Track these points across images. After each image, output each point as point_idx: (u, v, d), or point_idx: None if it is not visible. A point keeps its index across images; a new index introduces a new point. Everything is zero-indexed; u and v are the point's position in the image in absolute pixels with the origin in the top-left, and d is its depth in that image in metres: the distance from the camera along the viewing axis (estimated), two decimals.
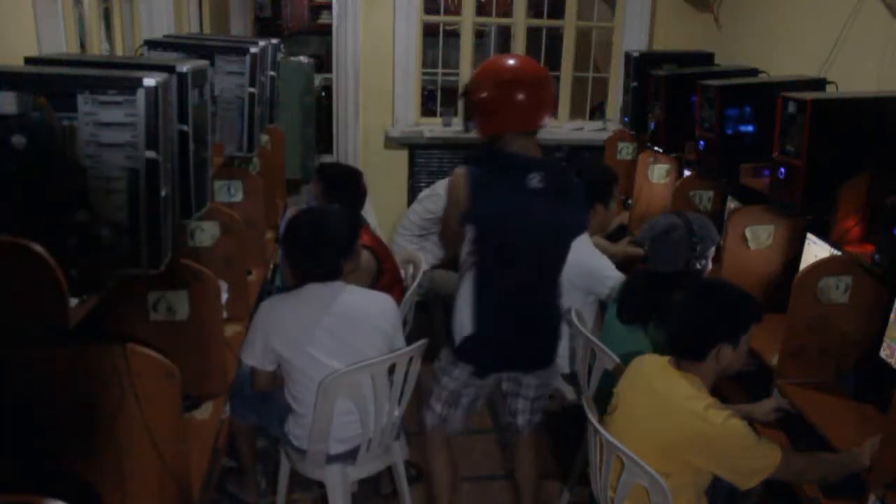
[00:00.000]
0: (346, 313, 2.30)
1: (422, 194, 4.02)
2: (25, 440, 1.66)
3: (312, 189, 3.09)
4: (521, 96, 2.22)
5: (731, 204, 3.19)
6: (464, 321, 2.34)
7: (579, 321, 2.60)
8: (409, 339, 2.51)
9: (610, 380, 2.32)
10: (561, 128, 4.88)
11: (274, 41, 3.31)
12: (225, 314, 2.34)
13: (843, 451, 1.95)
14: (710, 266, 2.58)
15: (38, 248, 1.30)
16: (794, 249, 2.75)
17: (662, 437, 1.88)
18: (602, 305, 2.95)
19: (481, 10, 5.19)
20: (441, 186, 3.82)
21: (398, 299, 2.81)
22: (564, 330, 2.84)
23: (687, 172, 3.56)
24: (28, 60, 1.89)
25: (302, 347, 2.26)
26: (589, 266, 2.84)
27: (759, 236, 2.80)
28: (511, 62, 2.40)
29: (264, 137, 3.56)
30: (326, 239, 2.31)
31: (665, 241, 2.46)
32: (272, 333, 2.27)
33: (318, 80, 5.98)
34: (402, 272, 3.18)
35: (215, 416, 2.18)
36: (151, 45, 2.57)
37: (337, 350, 2.26)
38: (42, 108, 1.36)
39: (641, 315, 2.47)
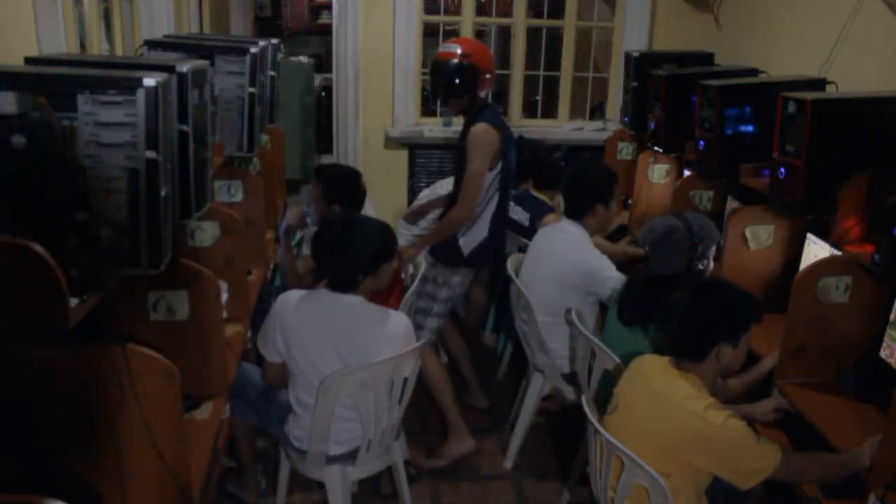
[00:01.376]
0: (355, 336, 2.26)
1: (421, 194, 4.02)
2: (25, 440, 1.66)
3: (312, 191, 3.09)
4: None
5: (731, 204, 3.19)
6: (479, 232, 3.12)
7: (579, 321, 2.60)
8: None
9: (610, 380, 2.32)
10: (561, 128, 4.89)
11: (274, 41, 3.31)
12: (225, 314, 2.34)
13: (843, 452, 1.95)
14: (711, 265, 2.57)
15: (38, 248, 1.30)
16: (794, 249, 2.75)
17: (662, 437, 1.88)
18: (603, 306, 2.95)
19: (481, 10, 5.20)
20: (441, 186, 3.82)
21: (398, 299, 2.81)
22: (565, 330, 2.85)
23: (687, 172, 3.56)
24: (28, 60, 1.89)
25: (305, 355, 2.26)
26: (589, 266, 2.84)
27: (759, 236, 2.80)
28: (468, 40, 3.66)
29: (264, 137, 3.56)
30: (350, 248, 2.28)
31: (666, 243, 2.45)
32: (279, 330, 2.29)
33: (318, 80, 5.98)
34: (402, 272, 3.18)
35: (215, 416, 2.18)
36: (151, 45, 2.57)
37: (336, 366, 2.23)
38: (42, 108, 1.36)
39: (642, 317, 2.47)
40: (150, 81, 1.46)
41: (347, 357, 2.24)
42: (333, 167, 3.41)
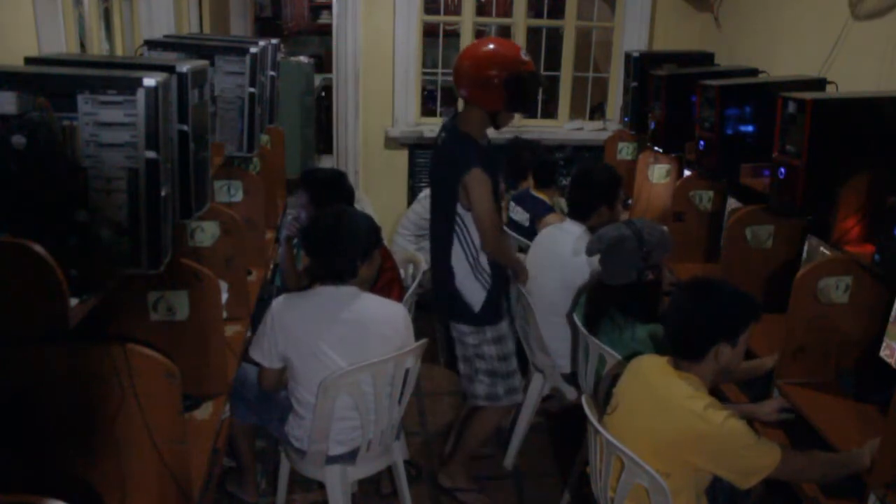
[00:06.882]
0: (357, 321, 2.28)
1: (421, 194, 4.02)
2: (25, 440, 1.66)
3: (300, 198, 3.03)
4: None
5: (731, 204, 3.19)
6: (480, 285, 2.67)
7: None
8: None
9: (610, 380, 2.32)
10: (561, 128, 4.89)
11: (274, 41, 3.31)
12: (225, 314, 2.34)
13: (844, 451, 1.95)
14: (669, 276, 2.52)
15: (38, 248, 1.30)
16: (794, 249, 2.75)
17: (662, 436, 1.88)
18: None
19: (481, 10, 5.20)
20: None
21: (397, 299, 2.81)
22: (566, 330, 2.85)
23: (687, 172, 3.56)
24: (28, 60, 1.90)
25: (309, 351, 2.26)
26: (593, 267, 2.83)
27: (759, 236, 2.81)
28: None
29: (264, 137, 3.56)
30: (347, 236, 2.30)
31: (615, 253, 2.41)
32: (280, 333, 2.28)
33: (318, 80, 5.98)
34: (402, 272, 3.18)
35: (215, 416, 2.18)
36: (151, 45, 2.57)
37: (344, 357, 2.24)
38: (42, 108, 1.36)
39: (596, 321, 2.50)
40: (150, 81, 1.46)
41: (352, 344, 2.25)
42: (317, 172, 3.35)
